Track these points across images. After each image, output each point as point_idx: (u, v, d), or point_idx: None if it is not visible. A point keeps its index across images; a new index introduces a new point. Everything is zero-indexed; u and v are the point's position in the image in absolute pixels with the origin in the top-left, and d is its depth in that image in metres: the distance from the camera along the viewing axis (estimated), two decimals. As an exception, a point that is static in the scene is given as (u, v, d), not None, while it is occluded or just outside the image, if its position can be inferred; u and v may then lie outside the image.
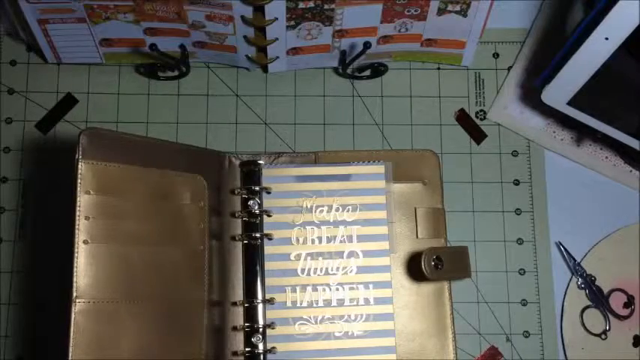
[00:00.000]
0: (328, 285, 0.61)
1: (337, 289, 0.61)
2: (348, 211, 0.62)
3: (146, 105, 0.68)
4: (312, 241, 0.62)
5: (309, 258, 0.61)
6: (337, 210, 0.62)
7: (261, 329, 0.59)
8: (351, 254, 0.61)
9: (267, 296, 0.60)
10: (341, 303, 0.61)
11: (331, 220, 0.62)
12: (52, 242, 0.65)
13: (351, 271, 0.61)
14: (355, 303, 0.61)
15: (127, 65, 0.69)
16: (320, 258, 0.61)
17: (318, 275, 0.61)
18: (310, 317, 0.60)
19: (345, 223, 0.62)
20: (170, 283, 0.56)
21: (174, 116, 0.68)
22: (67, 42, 0.65)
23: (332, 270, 0.61)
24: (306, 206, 0.62)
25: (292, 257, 0.61)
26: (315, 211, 0.62)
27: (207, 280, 0.58)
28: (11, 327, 0.63)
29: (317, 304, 0.60)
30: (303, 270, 0.61)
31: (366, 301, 0.61)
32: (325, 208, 0.62)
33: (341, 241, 0.62)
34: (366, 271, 0.61)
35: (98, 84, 0.69)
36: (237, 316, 0.60)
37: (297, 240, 0.61)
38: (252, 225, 0.61)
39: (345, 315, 0.60)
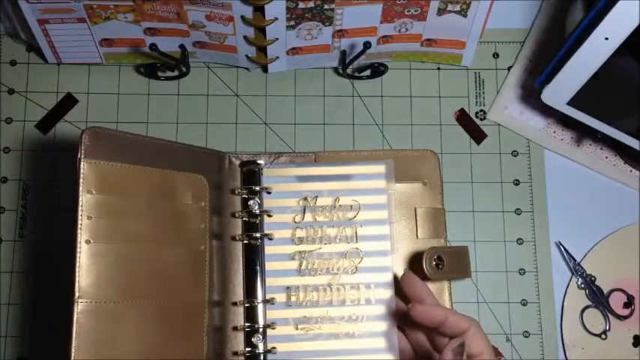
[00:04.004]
0: (329, 285, 0.61)
1: (338, 289, 0.61)
2: (348, 211, 0.62)
3: (146, 105, 0.68)
4: (313, 241, 0.62)
5: (309, 258, 0.61)
6: (338, 210, 0.62)
7: (261, 329, 0.59)
8: (352, 254, 0.61)
9: (268, 296, 0.60)
10: (342, 303, 0.61)
11: (332, 220, 0.62)
12: (52, 242, 0.65)
13: (352, 272, 0.61)
14: (356, 303, 0.60)
15: (127, 65, 0.69)
16: (320, 258, 0.61)
17: (319, 275, 0.61)
18: (311, 317, 0.60)
19: (345, 223, 0.62)
20: (171, 284, 0.56)
21: (174, 116, 0.68)
22: (67, 42, 0.65)
23: (332, 270, 0.61)
24: (307, 206, 0.62)
25: (293, 257, 0.61)
26: (316, 211, 0.62)
27: (208, 280, 0.58)
28: (11, 327, 0.63)
29: (317, 304, 0.60)
30: (303, 270, 0.61)
31: (367, 302, 0.60)
32: (325, 208, 0.62)
33: (341, 241, 0.62)
34: (367, 271, 0.61)
35: (98, 84, 0.69)
36: (238, 316, 0.60)
37: (298, 240, 0.61)
38: (253, 225, 0.61)
39: (346, 315, 0.60)
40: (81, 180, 0.52)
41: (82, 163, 0.52)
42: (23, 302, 0.64)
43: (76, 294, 0.50)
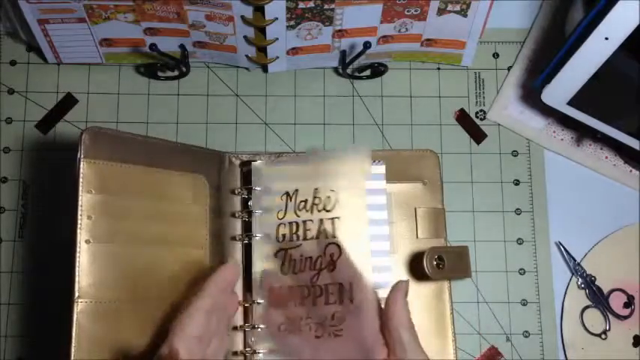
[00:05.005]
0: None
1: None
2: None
3: (146, 105, 0.68)
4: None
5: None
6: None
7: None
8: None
9: (268, 296, 0.60)
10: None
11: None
12: (52, 242, 0.65)
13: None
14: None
15: (127, 65, 0.69)
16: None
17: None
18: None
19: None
20: (171, 284, 0.56)
21: (175, 116, 0.68)
22: (67, 42, 0.65)
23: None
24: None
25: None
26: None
27: (208, 280, 0.58)
28: (11, 327, 0.63)
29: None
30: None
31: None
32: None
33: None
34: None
35: (98, 84, 0.69)
36: (237, 316, 0.60)
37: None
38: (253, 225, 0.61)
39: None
40: (80, 180, 0.52)
41: (81, 163, 0.52)
42: (23, 302, 0.64)
43: (76, 294, 0.50)
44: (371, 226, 0.62)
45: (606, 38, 0.55)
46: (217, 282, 0.54)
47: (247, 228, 0.61)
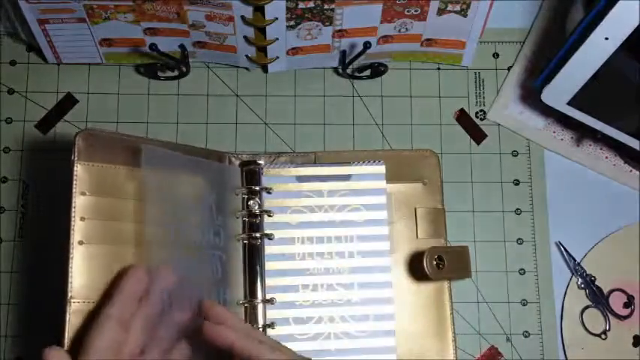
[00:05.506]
0: (329, 285, 0.61)
1: (337, 290, 0.61)
2: (348, 211, 0.62)
3: (146, 105, 0.68)
4: (313, 241, 0.61)
5: (309, 258, 0.61)
6: (338, 210, 0.62)
7: (261, 329, 0.59)
8: (352, 254, 0.61)
9: (268, 296, 0.60)
10: (341, 303, 0.61)
11: (331, 221, 0.62)
12: (52, 242, 0.65)
13: (351, 272, 0.61)
14: (356, 303, 0.60)
15: (127, 65, 0.69)
16: (320, 258, 0.61)
17: (319, 275, 0.61)
18: (310, 317, 0.60)
19: (345, 223, 0.62)
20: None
21: (174, 116, 0.68)
22: (67, 42, 0.65)
23: (332, 270, 0.61)
24: (307, 206, 0.62)
25: (293, 257, 0.61)
26: (316, 211, 0.62)
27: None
28: (11, 327, 0.63)
29: (317, 304, 0.60)
30: (303, 270, 0.61)
31: (367, 302, 0.61)
32: (326, 209, 0.62)
33: (341, 242, 0.62)
34: (366, 271, 0.61)
35: (98, 84, 0.69)
36: (238, 316, 0.60)
37: (298, 240, 0.61)
38: (253, 225, 0.61)
39: (346, 315, 0.60)
40: (74, 182, 0.52)
41: (75, 164, 0.52)
42: (23, 302, 0.64)
43: (69, 294, 0.50)
44: (371, 226, 0.62)
45: (606, 38, 0.55)
46: (123, 290, 0.50)
47: (248, 228, 0.61)
